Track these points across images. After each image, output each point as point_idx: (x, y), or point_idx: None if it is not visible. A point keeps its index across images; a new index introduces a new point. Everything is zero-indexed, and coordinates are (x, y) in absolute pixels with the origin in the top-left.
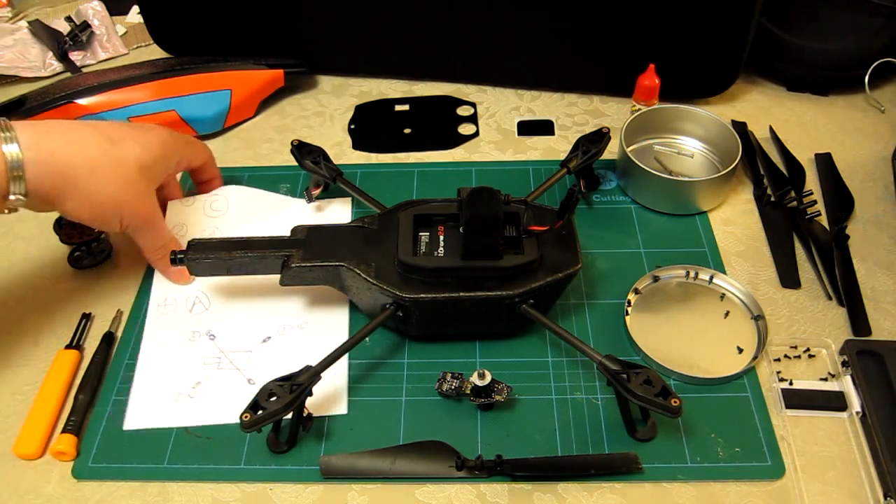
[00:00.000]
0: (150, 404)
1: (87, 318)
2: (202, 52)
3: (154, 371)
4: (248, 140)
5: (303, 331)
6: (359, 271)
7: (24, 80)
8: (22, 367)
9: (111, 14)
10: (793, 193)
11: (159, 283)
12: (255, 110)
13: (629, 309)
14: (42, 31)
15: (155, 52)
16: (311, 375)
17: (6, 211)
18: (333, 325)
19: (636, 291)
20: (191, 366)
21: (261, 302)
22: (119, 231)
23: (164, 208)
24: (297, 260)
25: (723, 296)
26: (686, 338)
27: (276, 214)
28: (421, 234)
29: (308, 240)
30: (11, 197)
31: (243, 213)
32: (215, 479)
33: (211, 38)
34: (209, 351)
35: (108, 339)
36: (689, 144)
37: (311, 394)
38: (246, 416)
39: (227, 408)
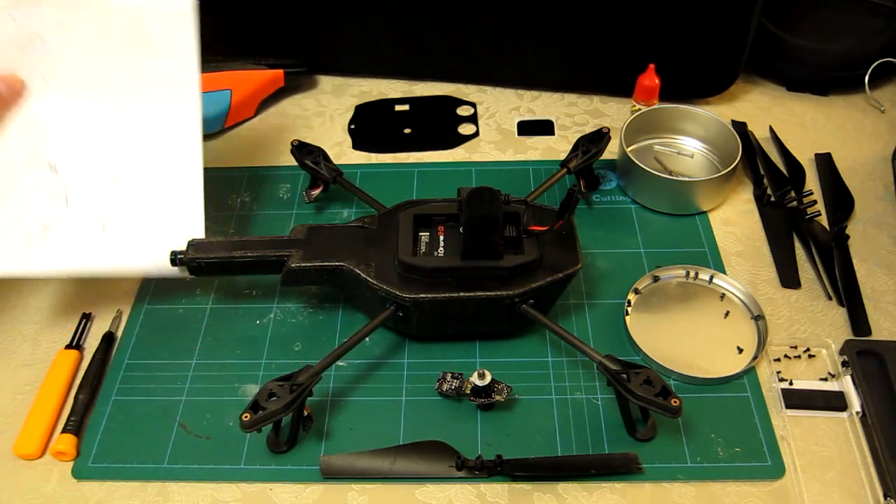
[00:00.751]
0: None
1: (87, 318)
2: (202, 52)
3: None
4: (248, 140)
5: (154, 164)
6: (359, 271)
7: None
8: (22, 367)
9: None
10: (793, 193)
11: None
12: (255, 110)
13: (629, 309)
14: None
15: None
16: (311, 375)
17: None
18: (185, 155)
19: (636, 291)
20: (37, 204)
21: (104, 127)
22: None
23: None
24: (296, 260)
25: (723, 296)
26: (686, 338)
27: (110, 20)
28: (421, 234)
29: (308, 240)
30: None
31: (67, 22)
32: (215, 479)
33: (211, 38)
34: (53, 186)
35: (108, 339)
36: (689, 144)
37: (311, 394)
38: (246, 416)
39: (82, 256)
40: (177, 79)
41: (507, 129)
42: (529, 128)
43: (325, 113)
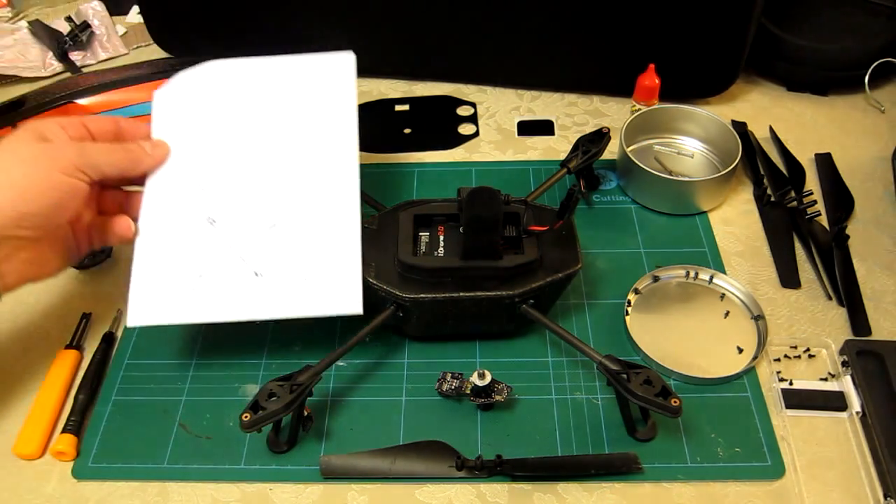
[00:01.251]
0: (153, 298)
1: (87, 318)
2: (202, 52)
3: (153, 261)
4: None
5: (311, 216)
6: None
7: (24, 80)
8: (22, 367)
9: (111, 14)
10: (793, 193)
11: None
12: None
13: (629, 309)
14: (42, 31)
15: (155, 52)
16: (311, 375)
17: None
18: (344, 210)
19: (636, 291)
20: (192, 255)
21: (263, 181)
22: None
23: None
24: None
25: (723, 296)
26: (686, 338)
27: (275, 80)
28: (421, 234)
29: None
30: None
31: (237, 87)
32: (215, 479)
33: (211, 38)
34: (210, 238)
35: (108, 339)
36: (689, 144)
37: (311, 394)
38: (246, 416)
39: (234, 303)
40: (337, 131)
41: (507, 129)
42: (529, 128)
43: None
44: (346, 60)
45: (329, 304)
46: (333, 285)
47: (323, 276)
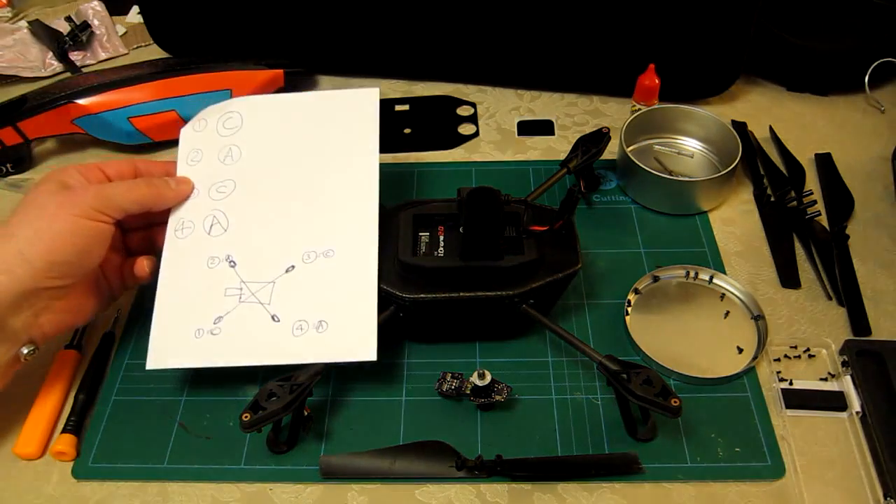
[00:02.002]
0: (172, 341)
1: None
2: (202, 52)
3: (173, 304)
4: None
5: (329, 260)
6: None
7: (24, 80)
8: (22, 367)
9: (111, 14)
10: (793, 193)
11: (176, 209)
12: None
13: (629, 309)
14: (42, 31)
15: (155, 52)
16: (311, 375)
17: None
18: (361, 254)
19: (636, 291)
20: (211, 297)
21: (282, 222)
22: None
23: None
24: None
25: (723, 296)
26: (686, 338)
27: (299, 119)
28: (421, 234)
29: None
30: None
31: (261, 126)
32: (215, 479)
33: (211, 38)
34: (230, 280)
35: (108, 339)
36: (689, 144)
37: (311, 394)
38: (246, 416)
39: (252, 347)
40: (358, 174)
41: (507, 129)
42: (529, 128)
43: None
44: (369, 97)
45: (344, 352)
46: (349, 334)
47: (339, 324)
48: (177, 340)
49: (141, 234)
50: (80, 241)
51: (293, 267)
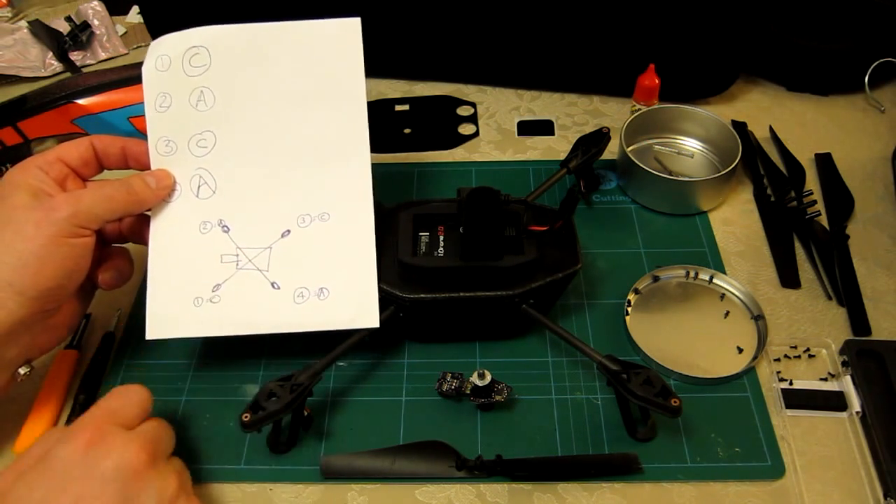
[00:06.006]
0: (171, 310)
1: (87, 318)
2: None
3: (168, 272)
4: None
5: (325, 224)
6: None
7: (24, 80)
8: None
9: (111, 14)
10: (793, 193)
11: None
12: None
13: (629, 309)
14: (42, 31)
15: None
16: (311, 375)
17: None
18: (357, 218)
19: (636, 291)
20: (207, 264)
21: (273, 183)
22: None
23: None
24: None
25: (723, 296)
26: (686, 338)
27: (274, 56)
28: (421, 234)
29: None
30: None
31: (232, 64)
32: (215, 479)
33: None
34: (225, 246)
35: (108, 339)
36: (689, 144)
37: (311, 394)
38: (246, 416)
39: (253, 316)
40: (345, 128)
41: (507, 129)
42: (529, 128)
43: None
44: (350, 26)
45: (347, 320)
46: (351, 301)
47: (340, 291)
48: (176, 310)
49: (115, 223)
50: (67, 262)
51: (289, 232)
